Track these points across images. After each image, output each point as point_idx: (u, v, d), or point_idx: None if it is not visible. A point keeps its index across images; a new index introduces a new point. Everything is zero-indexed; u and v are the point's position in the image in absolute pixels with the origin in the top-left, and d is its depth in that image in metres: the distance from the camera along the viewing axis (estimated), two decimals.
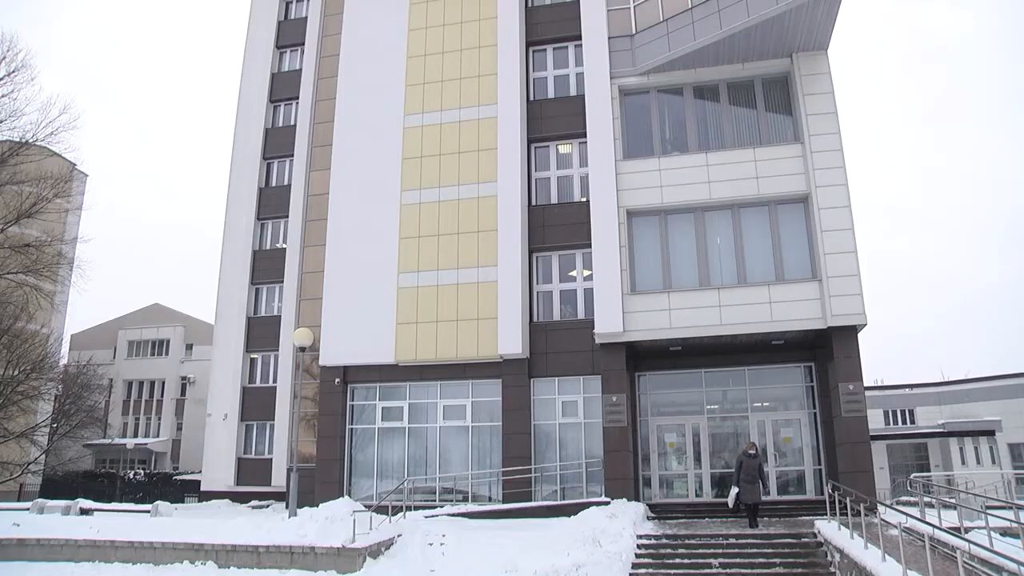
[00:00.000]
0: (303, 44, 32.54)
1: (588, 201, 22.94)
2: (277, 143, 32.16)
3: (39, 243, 32.37)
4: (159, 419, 54.17)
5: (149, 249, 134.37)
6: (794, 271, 21.04)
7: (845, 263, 20.21)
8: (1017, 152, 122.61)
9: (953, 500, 17.06)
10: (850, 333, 20.09)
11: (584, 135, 23.53)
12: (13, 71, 28.65)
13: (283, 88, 32.82)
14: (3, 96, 28.55)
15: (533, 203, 24.46)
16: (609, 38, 23.59)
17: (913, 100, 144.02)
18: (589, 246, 22.33)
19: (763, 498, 17.92)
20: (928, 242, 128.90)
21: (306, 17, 33.05)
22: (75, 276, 34.46)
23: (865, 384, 20.25)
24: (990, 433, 40.48)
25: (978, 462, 39.18)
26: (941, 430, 41.15)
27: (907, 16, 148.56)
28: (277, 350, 29.69)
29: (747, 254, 21.47)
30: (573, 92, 25.24)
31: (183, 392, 54.58)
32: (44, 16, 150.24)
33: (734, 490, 17.64)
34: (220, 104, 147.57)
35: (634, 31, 23.41)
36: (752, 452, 17.70)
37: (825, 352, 21.04)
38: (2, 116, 28.62)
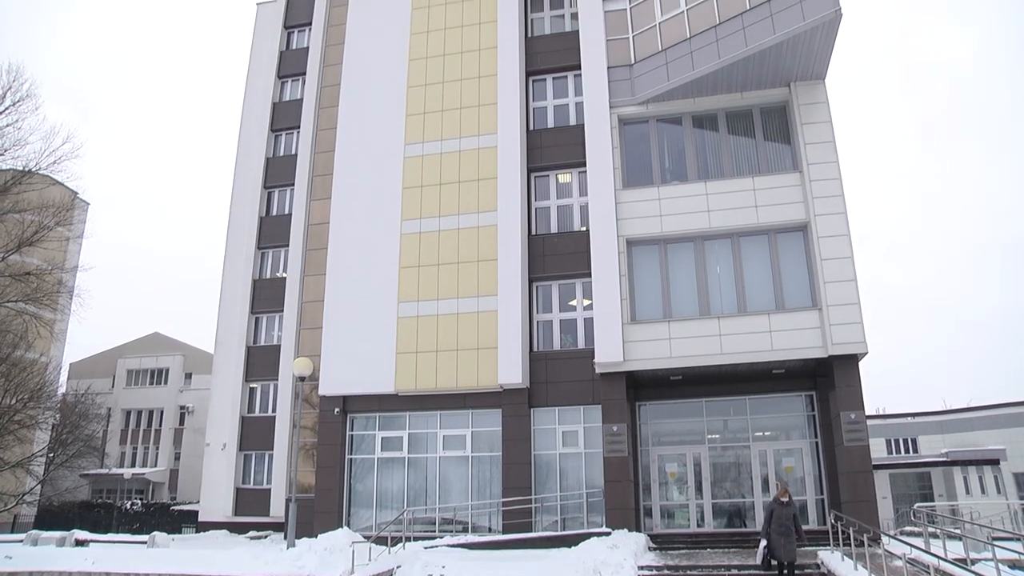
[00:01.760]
0: (304, 74, 32.78)
1: (588, 230, 22.98)
2: (278, 172, 32.29)
3: (40, 271, 32.37)
4: (157, 449, 53.86)
5: (149, 277, 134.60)
6: (794, 300, 21.02)
7: (845, 292, 20.20)
8: (1015, 178, 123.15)
9: (958, 531, 16.89)
10: (851, 362, 20.02)
11: (584, 164, 23.64)
12: (18, 100, 28.84)
13: (284, 117, 33.02)
14: (7, 125, 28.72)
15: (533, 232, 24.51)
16: (608, 68, 23.77)
17: (911, 126, 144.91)
18: (589, 275, 22.34)
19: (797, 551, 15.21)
20: (928, 269, 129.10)
21: (307, 47, 33.32)
22: (75, 305, 34.42)
23: (867, 413, 20.15)
24: (994, 462, 40.10)
25: (983, 492, 38.79)
26: (944, 459, 40.78)
27: (904, 43, 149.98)
28: (276, 379, 29.57)
29: (747, 283, 21.46)
30: (573, 121, 25.40)
31: (182, 421, 54.32)
32: (44, 42, 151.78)
33: (762, 543, 15.27)
34: (222, 133, 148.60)
35: (633, 61, 23.60)
36: (785, 500, 15.28)
37: (826, 381, 20.96)
38: (6, 145, 28.76)
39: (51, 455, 41.44)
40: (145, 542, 23.00)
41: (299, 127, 31.85)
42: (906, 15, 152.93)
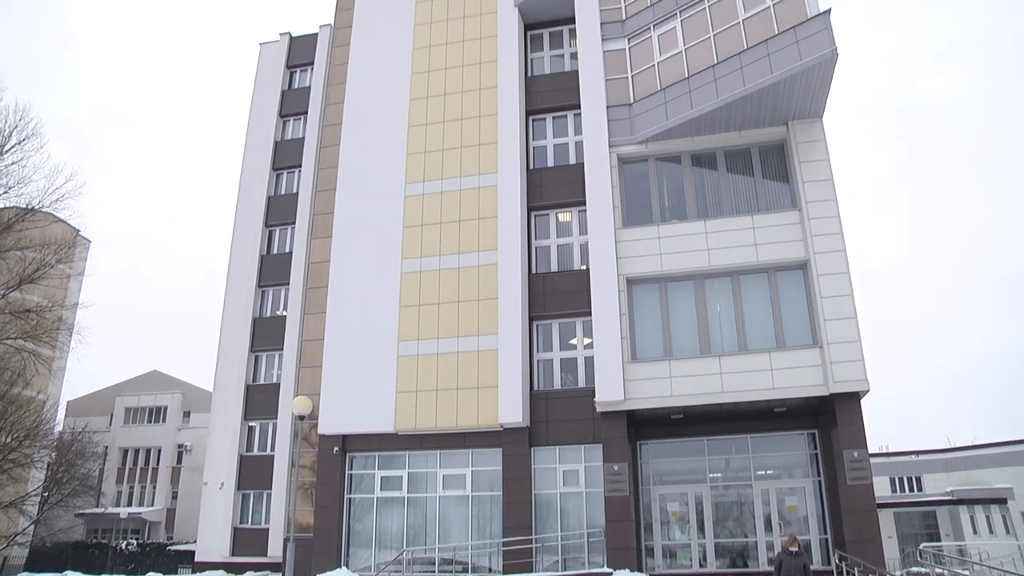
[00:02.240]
0: (306, 113, 33.13)
1: (588, 269, 23.00)
2: (279, 211, 32.47)
3: (40, 309, 32.45)
4: (154, 487, 53.46)
5: (150, 314, 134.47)
6: (795, 338, 20.96)
7: (845, 329, 20.15)
8: (1011, 213, 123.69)
9: (966, 572, 16.71)
10: (853, 399, 19.91)
11: (584, 203, 23.72)
12: (23, 139, 29.27)
13: (286, 156, 33.29)
14: (12, 163, 29.09)
15: (533, 271, 24.52)
16: (608, 107, 23.96)
17: (907, 162, 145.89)
18: (589, 314, 22.28)
19: None
20: (929, 304, 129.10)
21: (309, 87, 33.73)
22: (75, 342, 34.47)
23: (870, 451, 19.98)
24: (1002, 501, 39.75)
25: (991, 531, 38.37)
26: (950, 498, 40.43)
27: (900, 82, 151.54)
28: (276, 418, 29.46)
29: (747, 321, 21.43)
30: (572, 160, 25.56)
31: (179, 460, 53.99)
32: (48, 80, 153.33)
33: None
34: (224, 171, 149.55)
35: (632, 100, 23.80)
36: (794, 549, 15.09)
37: (828, 419, 20.83)
38: (10, 183, 29.09)
39: (46, 494, 41.11)
40: None
41: (300, 166, 32.12)
42: (901, 55, 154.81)
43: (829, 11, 20.52)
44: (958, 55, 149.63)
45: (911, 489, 46.32)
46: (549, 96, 26.45)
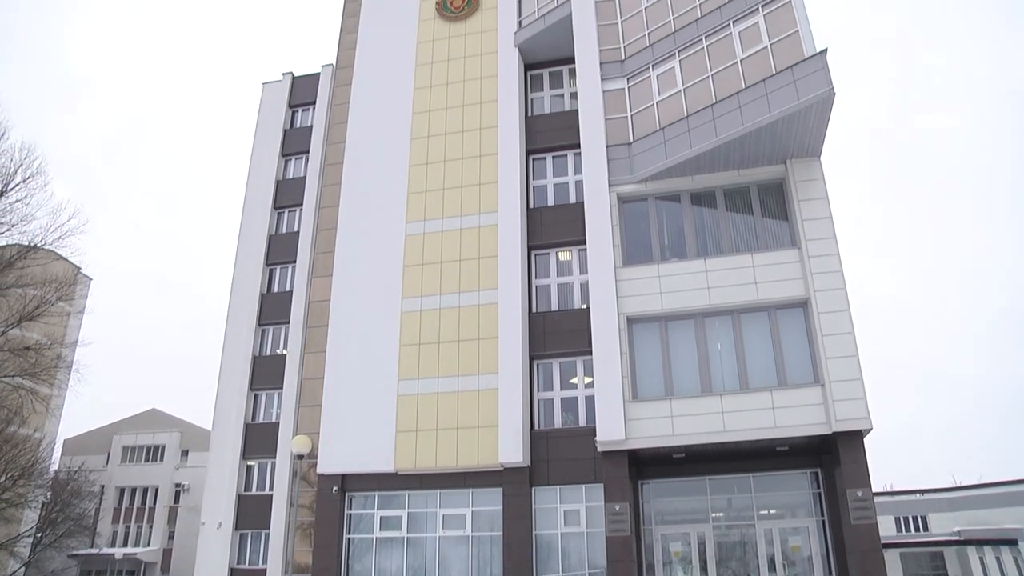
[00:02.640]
0: (307, 152, 33.33)
1: (588, 308, 22.98)
2: (280, 249, 32.52)
3: (39, 346, 32.37)
4: (151, 527, 52.92)
5: (149, 352, 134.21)
6: (796, 376, 20.87)
7: (847, 367, 20.06)
8: (1010, 247, 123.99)
9: None
10: (856, 438, 19.77)
11: (584, 242, 23.77)
12: (28, 177, 29.42)
13: (287, 195, 33.42)
14: (16, 201, 29.21)
15: (534, 310, 24.50)
16: (607, 146, 24.10)
17: (908, 197, 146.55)
18: (590, 353, 22.21)
19: None
20: (929, 339, 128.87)
21: (311, 126, 33.98)
22: (73, 380, 34.31)
23: (874, 489, 19.80)
24: (1012, 542, 39.11)
25: (1002, 574, 37.74)
26: (958, 538, 39.88)
27: (898, 120, 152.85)
28: (274, 457, 29.21)
29: (748, 359, 21.35)
30: (572, 199, 25.67)
31: (177, 499, 53.49)
32: (52, 117, 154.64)
33: None
34: (225, 209, 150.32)
35: (632, 139, 23.95)
36: None
37: (831, 458, 20.67)
38: (13, 221, 29.19)
39: (39, 535, 40.63)
40: None
41: (302, 204, 32.23)
42: (898, 92, 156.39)
43: (825, 51, 20.72)
44: (955, 92, 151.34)
45: (917, 529, 45.71)
46: (549, 135, 26.66)
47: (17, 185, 29.19)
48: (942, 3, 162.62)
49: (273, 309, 31.69)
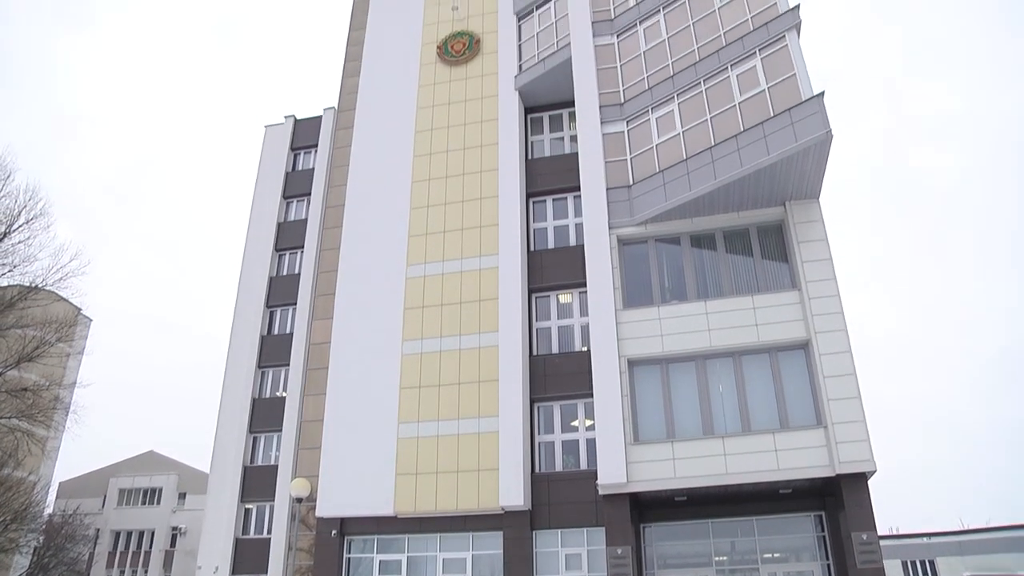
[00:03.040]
0: (309, 194, 33.51)
1: (589, 350, 22.93)
2: (281, 291, 32.55)
3: (36, 387, 32.22)
4: (146, 572, 52.21)
5: (148, 393, 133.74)
6: (798, 418, 20.77)
7: (850, 409, 19.96)
8: (1008, 285, 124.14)
9: None
10: (860, 480, 19.58)
11: (584, 284, 23.81)
12: (32, 219, 29.59)
13: (288, 237, 33.53)
14: (19, 242, 29.35)
15: (534, 353, 24.47)
16: (607, 189, 24.25)
17: (906, 237, 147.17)
18: (591, 395, 22.14)
19: None
20: (930, 379, 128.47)
21: (313, 168, 34.22)
22: (70, 421, 34.05)
23: (880, 533, 19.58)
24: None
25: None
26: None
27: (895, 160, 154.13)
28: (273, 500, 28.92)
29: (750, 402, 21.26)
30: (573, 242, 25.77)
31: (173, 543, 52.89)
32: (54, 157, 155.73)
33: None
34: (227, 251, 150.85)
35: (631, 182, 24.11)
36: None
37: (835, 500, 20.47)
38: (15, 262, 29.31)
39: None
40: None
41: (303, 247, 32.32)
42: (894, 132, 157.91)
43: (823, 93, 20.95)
44: (950, 131, 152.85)
45: (924, 574, 45.06)
46: (549, 178, 26.85)
47: (20, 227, 29.39)
48: (936, 43, 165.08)
49: (273, 351, 31.62)
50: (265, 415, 30.62)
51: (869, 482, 19.77)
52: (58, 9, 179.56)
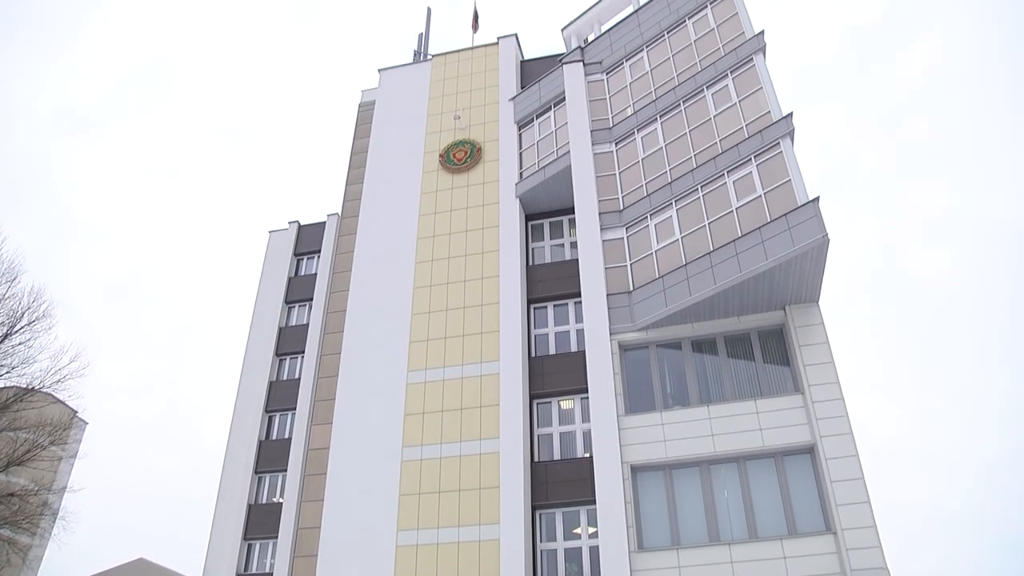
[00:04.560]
0: (311, 299, 33.69)
1: (591, 457, 22.67)
2: (280, 396, 32.33)
3: (24, 492, 31.43)
4: None
5: (139, 499, 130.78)
6: (806, 524, 20.39)
7: (859, 514, 19.60)
8: (1011, 383, 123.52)
9: None
10: None
11: (586, 390, 23.76)
12: (34, 320, 29.59)
13: (289, 342, 33.54)
14: (20, 344, 29.25)
15: (536, 459, 24.17)
16: (608, 295, 24.49)
17: (907, 338, 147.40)
18: (594, 502, 21.80)
19: None
20: (938, 479, 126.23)
21: (315, 274, 34.53)
22: (57, 528, 33.14)
23: None
24: None
25: None
26: None
27: (893, 260, 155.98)
28: None
29: (756, 507, 20.92)
30: (574, 348, 25.83)
31: None
32: (53, 259, 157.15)
33: None
34: (227, 355, 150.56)
35: (632, 288, 24.37)
36: None
37: None
38: (14, 363, 29.12)
39: None
40: None
41: (303, 352, 32.29)
42: (890, 233, 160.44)
43: (818, 198, 21.40)
44: (944, 232, 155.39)
45: None
46: (550, 284, 27.11)
47: (22, 328, 29.37)
48: (926, 142, 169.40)
49: (271, 456, 31.16)
50: (261, 521, 29.92)
51: None
52: (57, 119, 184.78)
